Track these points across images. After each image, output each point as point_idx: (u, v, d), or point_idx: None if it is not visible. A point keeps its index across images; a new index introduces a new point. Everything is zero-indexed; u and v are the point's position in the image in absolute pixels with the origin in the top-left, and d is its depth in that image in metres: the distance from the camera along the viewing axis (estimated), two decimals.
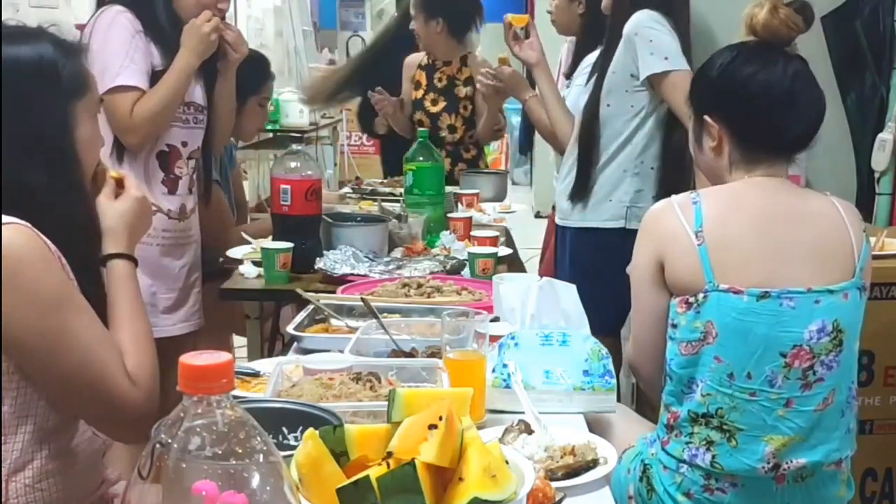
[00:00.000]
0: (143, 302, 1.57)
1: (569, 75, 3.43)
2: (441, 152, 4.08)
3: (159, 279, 2.52)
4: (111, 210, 1.56)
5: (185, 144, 2.54)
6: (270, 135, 6.08)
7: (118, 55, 2.38)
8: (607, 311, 2.33)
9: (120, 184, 1.59)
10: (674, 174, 2.66)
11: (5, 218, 1.34)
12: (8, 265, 1.30)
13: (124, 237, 1.55)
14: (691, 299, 1.70)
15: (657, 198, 2.44)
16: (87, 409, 1.44)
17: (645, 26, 2.55)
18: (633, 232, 1.90)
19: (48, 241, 1.37)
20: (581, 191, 2.72)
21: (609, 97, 2.65)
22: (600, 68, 2.68)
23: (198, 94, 2.58)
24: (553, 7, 3.33)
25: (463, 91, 4.01)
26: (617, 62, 2.62)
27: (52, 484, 1.42)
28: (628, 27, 2.56)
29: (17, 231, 1.33)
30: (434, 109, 4.03)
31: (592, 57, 2.89)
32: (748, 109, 1.76)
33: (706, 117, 1.80)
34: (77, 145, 1.48)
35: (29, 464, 1.39)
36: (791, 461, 1.69)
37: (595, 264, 2.70)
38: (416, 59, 4.14)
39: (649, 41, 2.54)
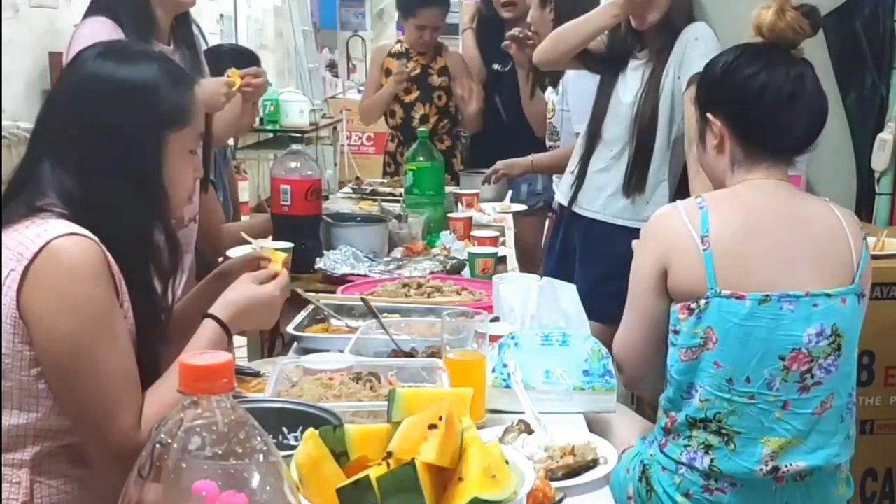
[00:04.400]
0: None
1: (554, 84, 3.43)
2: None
3: None
4: (245, 290, 1.59)
5: None
6: (270, 135, 6.08)
7: None
8: None
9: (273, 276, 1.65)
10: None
11: (77, 229, 1.37)
12: (64, 273, 1.34)
13: (234, 314, 1.56)
14: (693, 305, 1.69)
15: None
16: (85, 431, 1.41)
17: (707, 36, 2.65)
18: None
19: (112, 263, 1.39)
20: (639, 188, 2.75)
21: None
22: (663, 66, 2.71)
23: None
24: (531, 17, 3.36)
25: (437, 80, 3.96)
26: (669, 64, 2.68)
27: (75, 488, 1.43)
28: (690, 32, 2.65)
29: (83, 243, 1.36)
30: (407, 99, 3.98)
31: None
32: (747, 108, 1.76)
33: (709, 115, 1.80)
34: (164, 176, 1.48)
35: (54, 466, 1.41)
36: (790, 464, 1.68)
37: None
38: (385, 47, 4.10)
39: (704, 46, 2.61)
